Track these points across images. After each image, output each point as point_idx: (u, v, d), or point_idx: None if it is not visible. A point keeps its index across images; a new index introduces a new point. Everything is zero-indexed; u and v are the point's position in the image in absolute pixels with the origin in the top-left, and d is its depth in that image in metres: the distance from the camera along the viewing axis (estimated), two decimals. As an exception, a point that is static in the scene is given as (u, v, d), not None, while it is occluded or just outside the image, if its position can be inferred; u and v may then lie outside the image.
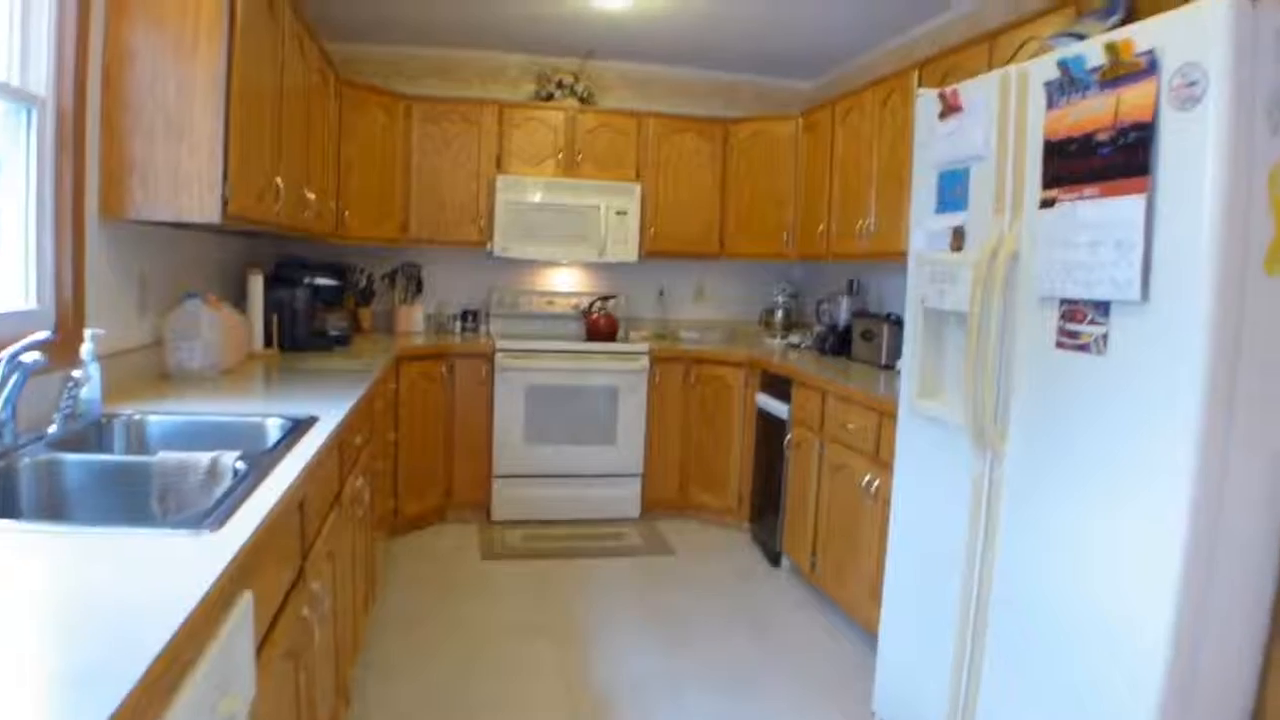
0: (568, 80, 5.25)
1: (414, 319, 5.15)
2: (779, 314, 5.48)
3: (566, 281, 5.53)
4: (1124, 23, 2.43)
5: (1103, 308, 1.87)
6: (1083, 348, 1.93)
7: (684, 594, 3.94)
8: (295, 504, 1.71)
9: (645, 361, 4.90)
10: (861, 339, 4.45)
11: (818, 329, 4.94)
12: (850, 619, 3.54)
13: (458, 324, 5.24)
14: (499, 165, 4.98)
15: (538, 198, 4.97)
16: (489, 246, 4.99)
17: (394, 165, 4.83)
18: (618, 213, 5.06)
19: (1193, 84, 1.69)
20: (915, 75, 3.75)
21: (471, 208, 4.98)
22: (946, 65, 3.54)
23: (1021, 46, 3.10)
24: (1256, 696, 1.87)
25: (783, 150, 5.13)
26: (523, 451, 4.80)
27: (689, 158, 5.26)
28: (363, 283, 5.03)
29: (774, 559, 4.38)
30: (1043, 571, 2.08)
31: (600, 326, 5.11)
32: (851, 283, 4.91)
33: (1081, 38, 2.36)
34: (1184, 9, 1.76)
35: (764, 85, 5.78)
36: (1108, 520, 1.88)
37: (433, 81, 5.26)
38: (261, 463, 1.71)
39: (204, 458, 1.75)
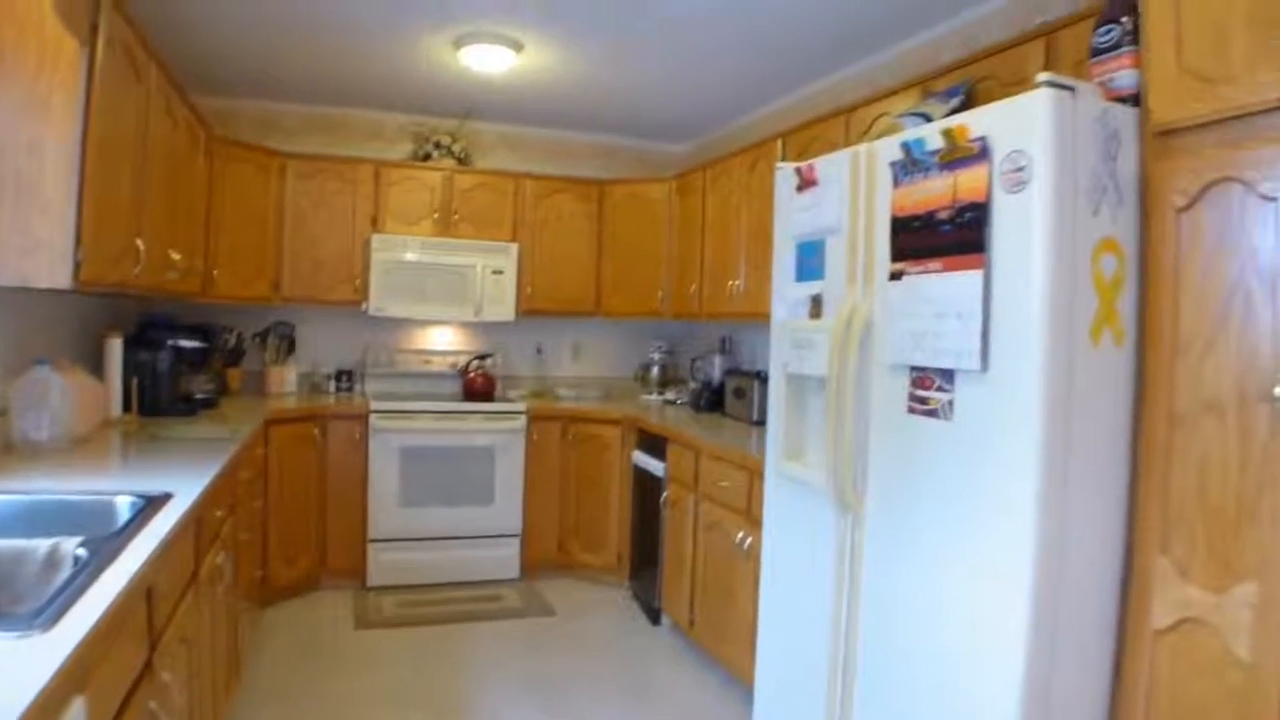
0: (445, 141, 5.26)
1: (286, 379, 5.00)
2: (655, 371, 5.56)
3: (444, 340, 5.48)
4: (965, 105, 2.62)
5: (948, 375, 1.98)
6: (932, 413, 2.04)
7: (564, 656, 3.90)
8: (142, 592, 1.63)
9: (522, 420, 4.89)
10: (734, 396, 4.56)
11: (692, 386, 5.04)
12: (730, 675, 3.57)
13: (332, 384, 5.12)
14: (375, 224, 4.93)
15: (414, 257, 4.93)
16: (364, 305, 4.92)
17: (267, 223, 4.71)
18: (494, 272, 5.07)
19: (1020, 169, 1.83)
20: (779, 144, 3.91)
21: (347, 266, 4.91)
22: (807, 136, 3.71)
23: (875, 121, 3.29)
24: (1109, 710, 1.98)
25: (657, 212, 5.26)
26: (398, 514, 4.69)
27: (566, 218, 5.33)
28: (231, 343, 4.86)
29: (654, 616, 4.39)
30: (903, 627, 2.16)
31: (477, 385, 5.08)
32: (724, 340, 5.04)
33: (927, 118, 2.52)
34: (1011, 99, 1.92)
35: (640, 148, 5.93)
36: (961, 577, 1.98)
37: (311, 138, 5.19)
38: (106, 548, 1.62)
39: (41, 545, 1.66)
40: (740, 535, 3.37)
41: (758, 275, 4.08)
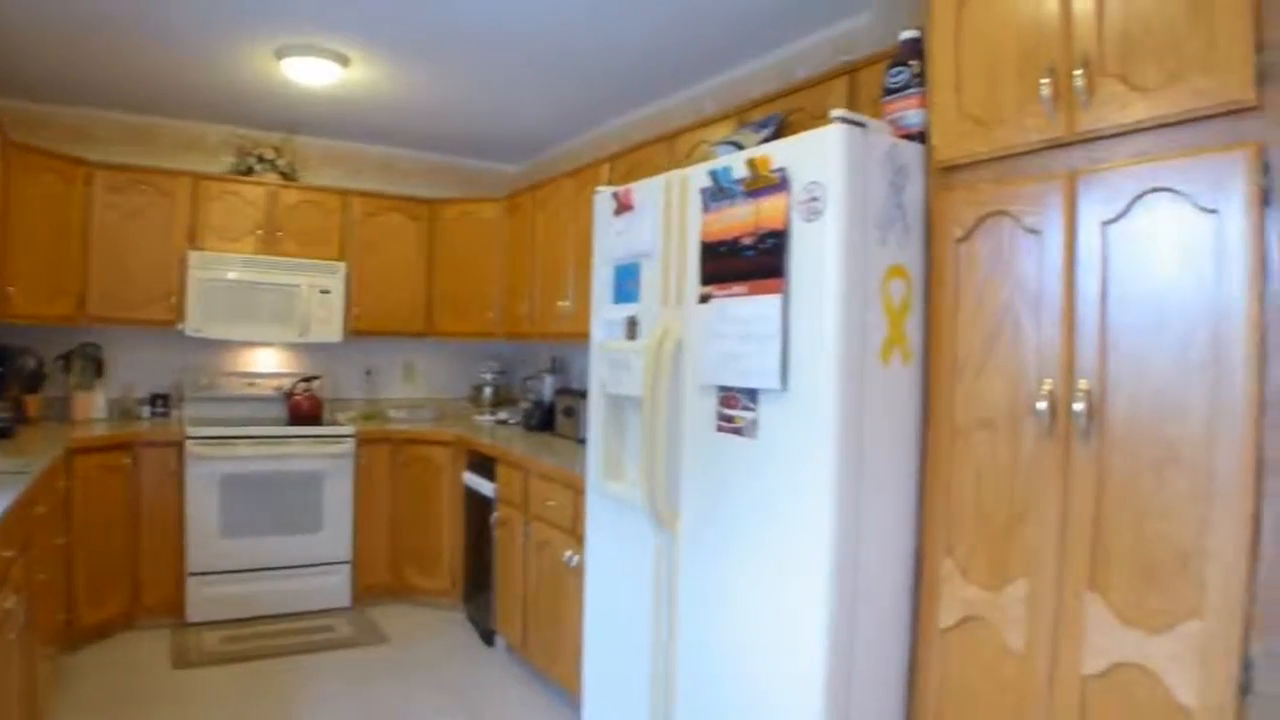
0: (269, 155, 5.07)
1: (94, 405, 4.67)
2: (488, 391, 5.53)
3: (269, 362, 5.26)
4: (776, 135, 2.74)
5: (752, 395, 2.07)
6: (738, 431, 2.12)
7: (397, 684, 3.80)
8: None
9: (350, 444, 4.75)
10: (564, 415, 4.58)
11: (524, 405, 5.04)
12: (563, 693, 3.57)
13: (146, 409, 4.81)
14: (193, 240, 4.68)
15: (236, 275, 4.72)
16: (181, 326, 4.66)
17: (70, 237, 4.37)
18: (321, 291, 4.91)
19: (815, 199, 1.94)
20: (606, 168, 3.98)
21: (162, 284, 4.63)
22: (632, 160, 3.79)
23: (696, 148, 3.40)
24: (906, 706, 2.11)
25: (488, 232, 5.24)
26: (220, 545, 4.45)
27: (396, 237, 5.23)
28: (30, 366, 4.49)
29: (488, 638, 4.34)
30: (718, 636, 2.22)
31: (303, 409, 4.90)
32: (555, 360, 5.07)
33: (740, 146, 2.63)
34: (808, 133, 2.03)
35: (473, 167, 5.90)
36: (767, 586, 2.06)
37: (125, 148, 4.86)
38: None
39: None
40: (568, 554, 3.38)
41: (585, 296, 4.11)
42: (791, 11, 3.23)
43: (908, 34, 2.22)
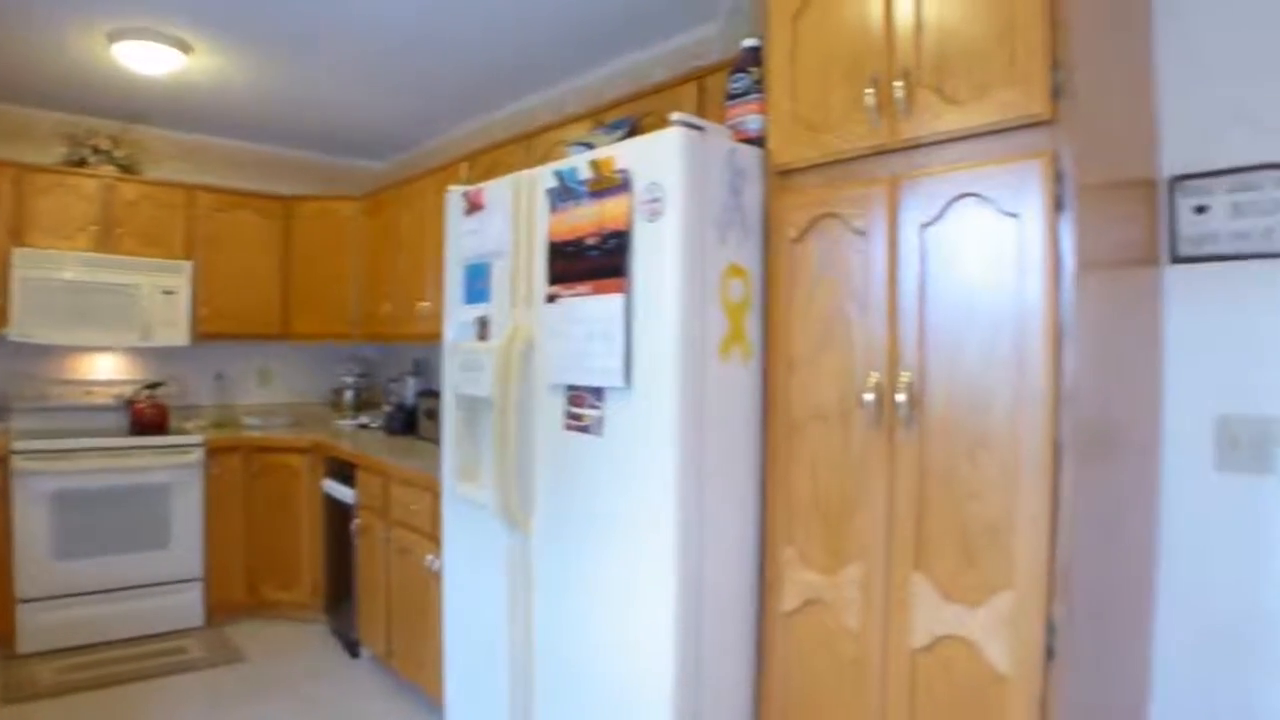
0: (106, 145, 4.77)
1: (-98, 420, 4.33)
2: (349, 395, 5.40)
3: (108, 368, 4.97)
4: (629, 137, 2.78)
5: (599, 393, 2.11)
6: (585, 429, 2.15)
7: (256, 705, 3.66)
8: None
9: (199, 453, 4.54)
10: (426, 418, 4.53)
11: (387, 409, 4.95)
12: (430, 701, 3.53)
13: (-36, 422, 4.49)
14: (17, 237, 4.38)
15: (68, 275, 4.43)
16: (5, 330, 4.35)
17: None
18: (165, 292, 4.68)
19: (656, 200, 1.99)
20: (465, 167, 3.96)
21: (-20, 285, 4.33)
22: (491, 159, 3.79)
23: (553, 149, 3.42)
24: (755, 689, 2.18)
25: (347, 231, 5.12)
26: (54, 568, 4.14)
27: (248, 235, 5.04)
28: None
29: (353, 650, 4.24)
30: (573, 636, 2.25)
31: (147, 417, 4.66)
32: (418, 362, 4.99)
33: (593, 148, 2.66)
34: (649, 135, 2.08)
35: (334, 164, 5.74)
36: (618, 582, 2.10)
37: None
38: None
39: None
40: (430, 558, 3.35)
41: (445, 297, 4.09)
42: (644, 19, 3.30)
43: (749, 42, 2.30)
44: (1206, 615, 2.04)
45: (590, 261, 2.12)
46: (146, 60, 3.74)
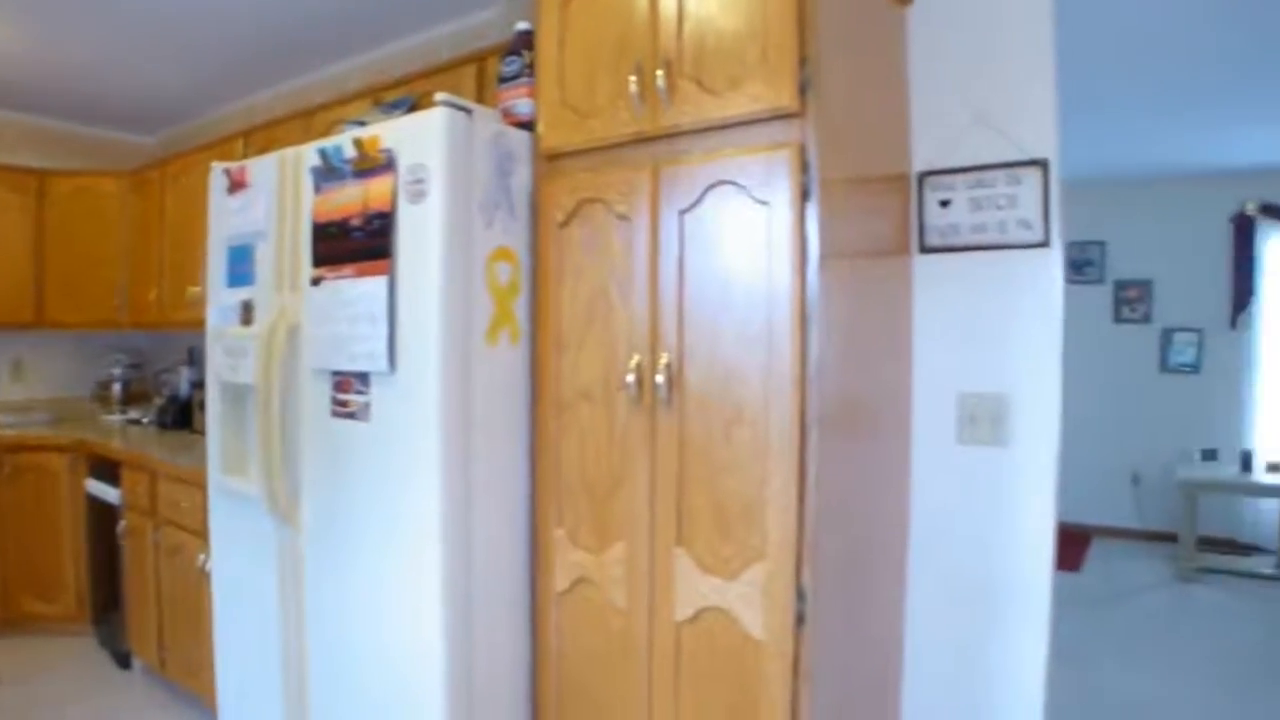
0: None
1: None
2: (117, 388, 5.00)
3: None
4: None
5: (364, 378, 2.05)
6: (352, 415, 2.09)
7: (7, 729, 3.35)
8: None
9: (-62, 454, 4.10)
10: (200, 410, 4.26)
11: (159, 402, 4.62)
12: (207, 709, 3.33)
13: None
14: None
15: None
16: None
17: None
18: (-110, 276, 4.19)
19: (420, 181, 1.95)
20: (240, 143, 3.75)
21: None
22: (269, 136, 3.60)
23: (333, 127, 3.28)
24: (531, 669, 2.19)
25: (112, 209, 4.72)
26: None
27: (-8, 212, 4.57)
28: None
29: (124, 661, 3.94)
30: (346, 629, 2.18)
31: None
32: (192, 351, 4.68)
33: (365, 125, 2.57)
34: (414, 115, 2.04)
35: (97, 137, 5.27)
36: (388, 572, 2.06)
37: None
38: None
39: None
40: (202, 558, 3.15)
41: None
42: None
43: (521, 25, 2.29)
44: (953, 578, 2.21)
45: (355, 243, 2.05)
46: None
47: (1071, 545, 6.11)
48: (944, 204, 2.24)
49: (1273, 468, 5.74)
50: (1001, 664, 2.15)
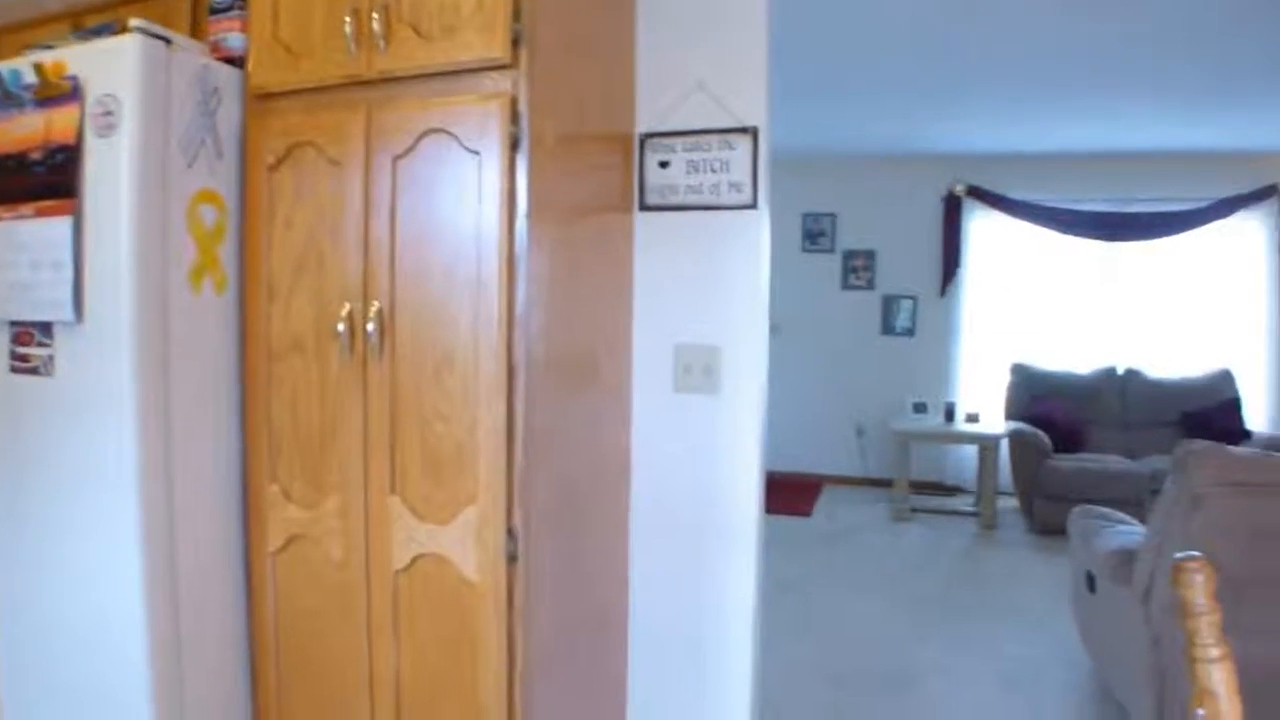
0: None
1: None
2: None
3: None
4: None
5: (47, 329, 1.90)
6: (34, 370, 1.93)
7: None
8: None
9: None
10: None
11: None
12: None
13: None
14: None
15: None
16: None
17: None
18: None
19: (110, 113, 1.81)
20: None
21: None
22: (-53, 61, 3.19)
23: (25, 52, 2.96)
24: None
25: None
26: None
27: None
28: None
29: None
30: (40, 600, 2.02)
31: None
32: None
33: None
34: (105, 41, 1.89)
35: None
36: (81, 537, 1.92)
37: None
38: None
39: None
40: None
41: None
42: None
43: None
44: (673, 517, 2.36)
45: (34, 179, 1.87)
46: None
47: (803, 493, 6.62)
48: (663, 165, 2.35)
49: (971, 418, 6.48)
50: (720, 597, 2.33)
